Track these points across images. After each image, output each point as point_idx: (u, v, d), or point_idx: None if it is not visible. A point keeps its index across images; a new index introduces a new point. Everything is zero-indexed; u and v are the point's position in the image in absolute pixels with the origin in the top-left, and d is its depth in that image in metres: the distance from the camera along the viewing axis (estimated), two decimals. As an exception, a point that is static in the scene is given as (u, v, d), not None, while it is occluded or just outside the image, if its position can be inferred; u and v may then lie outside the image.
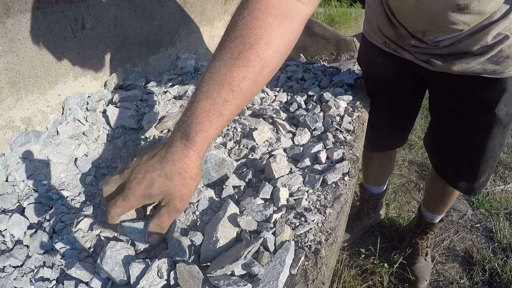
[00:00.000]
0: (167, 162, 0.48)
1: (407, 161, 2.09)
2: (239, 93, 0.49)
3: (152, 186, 0.48)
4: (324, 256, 0.52)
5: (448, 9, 0.74)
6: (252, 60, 0.49)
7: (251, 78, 0.50)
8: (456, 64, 0.84)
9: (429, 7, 0.77)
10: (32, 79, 0.80)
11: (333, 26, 4.26)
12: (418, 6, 0.79)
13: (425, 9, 0.78)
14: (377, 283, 1.36)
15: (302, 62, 1.27)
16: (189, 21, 1.31)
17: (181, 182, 0.49)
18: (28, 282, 0.53)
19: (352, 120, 0.86)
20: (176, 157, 0.48)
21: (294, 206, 0.61)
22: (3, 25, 0.71)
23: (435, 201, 1.30)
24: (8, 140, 0.75)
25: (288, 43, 0.54)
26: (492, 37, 0.76)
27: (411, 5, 0.80)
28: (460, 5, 0.72)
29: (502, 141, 0.95)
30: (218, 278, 0.47)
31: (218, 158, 0.67)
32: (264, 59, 0.50)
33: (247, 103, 0.53)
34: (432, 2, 0.75)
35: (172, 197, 0.49)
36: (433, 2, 0.75)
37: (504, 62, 0.80)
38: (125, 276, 0.51)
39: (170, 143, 0.50)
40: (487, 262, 1.44)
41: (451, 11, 0.74)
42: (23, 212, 0.64)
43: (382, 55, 1.01)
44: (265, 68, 0.51)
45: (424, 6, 0.77)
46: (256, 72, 0.50)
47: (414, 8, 0.80)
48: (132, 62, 1.10)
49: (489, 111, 0.88)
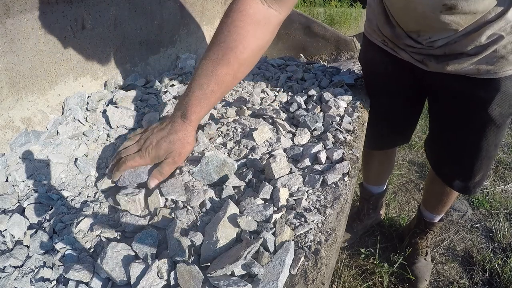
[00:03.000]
0: (171, 133, 0.66)
1: (407, 161, 2.09)
2: (222, 85, 0.66)
3: (161, 149, 0.66)
4: (324, 256, 0.52)
5: (435, 9, 0.74)
6: (232, 61, 0.65)
7: (232, 74, 0.66)
8: (449, 64, 0.84)
9: (416, 7, 0.77)
10: (32, 79, 0.80)
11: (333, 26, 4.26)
12: (406, 5, 0.79)
13: (413, 8, 0.78)
14: (377, 283, 1.36)
15: (302, 62, 1.27)
16: (189, 21, 1.31)
17: (181, 145, 0.66)
18: (28, 282, 0.53)
19: (352, 120, 0.86)
20: (178, 129, 0.67)
21: (294, 206, 0.61)
22: (3, 25, 0.71)
23: (434, 201, 1.30)
24: (8, 140, 0.75)
25: (262, 44, 0.69)
26: (486, 37, 0.76)
27: (401, 5, 0.81)
28: (447, 5, 0.72)
29: (497, 141, 0.95)
30: (218, 278, 0.47)
31: (219, 160, 0.67)
32: (242, 60, 0.66)
33: (227, 92, 0.71)
34: (419, 2, 0.76)
35: (173, 153, 0.66)
36: (420, 2, 0.75)
37: (499, 63, 0.80)
38: (125, 276, 0.51)
39: (173, 120, 0.68)
40: (487, 262, 1.44)
41: (440, 11, 0.74)
42: (23, 212, 0.64)
43: (381, 54, 1.01)
44: (242, 66, 0.67)
45: (411, 6, 0.78)
46: (236, 69, 0.66)
47: (403, 8, 0.81)
48: (132, 62, 1.10)
49: (483, 110, 0.88)
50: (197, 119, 0.68)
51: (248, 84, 1.08)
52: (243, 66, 0.68)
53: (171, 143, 0.66)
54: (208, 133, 0.81)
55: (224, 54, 0.65)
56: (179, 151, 0.66)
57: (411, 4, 0.77)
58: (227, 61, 0.65)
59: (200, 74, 0.66)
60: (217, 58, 0.65)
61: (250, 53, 0.67)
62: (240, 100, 0.98)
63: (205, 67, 0.66)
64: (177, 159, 0.67)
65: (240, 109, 0.91)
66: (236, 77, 0.68)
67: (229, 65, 0.65)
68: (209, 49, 0.67)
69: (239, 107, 0.93)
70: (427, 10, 0.75)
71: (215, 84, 0.65)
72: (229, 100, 1.01)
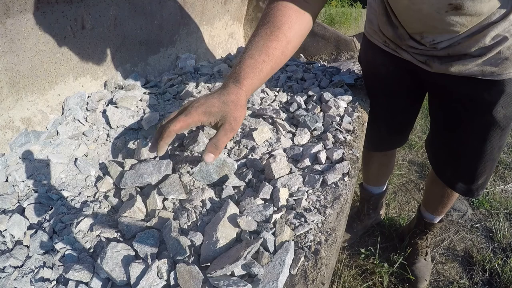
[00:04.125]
0: (223, 94, 0.63)
1: (407, 161, 2.09)
2: (272, 58, 0.69)
3: (213, 106, 0.61)
4: (324, 257, 0.52)
5: (441, 9, 0.74)
6: (281, 37, 0.69)
7: (280, 49, 0.70)
8: (453, 65, 0.83)
9: (421, 7, 0.76)
10: (32, 79, 0.80)
11: (333, 26, 4.26)
12: (410, 6, 0.79)
13: (417, 9, 0.77)
14: (377, 283, 1.36)
15: (302, 62, 1.27)
16: (189, 21, 1.31)
17: (235, 107, 0.62)
18: (28, 283, 0.53)
19: (352, 120, 0.86)
20: (231, 92, 0.64)
21: (294, 206, 0.61)
22: (3, 25, 0.71)
23: (434, 202, 1.30)
24: (8, 140, 0.75)
25: (303, 30, 0.75)
26: (490, 38, 0.76)
27: (405, 5, 0.80)
28: (452, 4, 0.72)
29: (501, 144, 0.94)
30: (218, 278, 0.47)
31: (219, 160, 0.67)
32: (289, 37, 0.71)
33: (277, 68, 0.72)
34: (424, 2, 0.75)
35: (227, 117, 0.61)
36: (425, 1, 0.75)
37: (503, 64, 0.80)
38: (125, 277, 0.51)
39: (225, 86, 0.66)
40: (487, 262, 1.44)
41: (445, 11, 0.74)
42: (23, 212, 0.64)
43: (381, 55, 1.01)
44: (289, 44, 0.71)
45: (416, 6, 0.77)
46: (283, 45, 0.70)
47: (407, 9, 0.80)
48: (132, 62, 1.10)
49: (487, 113, 0.87)
50: (249, 85, 0.66)
51: (248, 84, 1.08)
52: (290, 44, 0.71)
53: (224, 103, 0.61)
54: (208, 133, 0.81)
55: (273, 31, 0.69)
56: (234, 115, 0.61)
57: (416, 4, 0.77)
58: (275, 37, 0.69)
59: (251, 48, 0.69)
60: (266, 33, 0.69)
61: (294, 33, 0.72)
62: (240, 100, 0.98)
63: (255, 42, 0.69)
64: (234, 125, 0.61)
65: (240, 109, 0.91)
66: (284, 54, 0.71)
67: (278, 41, 0.69)
68: (258, 29, 0.72)
69: (239, 107, 0.93)
70: (432, 10, 0.75)
71: (266, 55, 0.68)
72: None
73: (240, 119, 0.62)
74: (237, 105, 0.62)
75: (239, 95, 0.64)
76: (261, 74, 0.67)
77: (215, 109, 0.61)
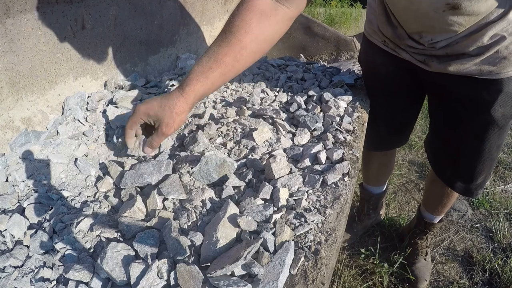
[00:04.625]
0: (164, 99, 0.69)
1: (407, 161, 2.08)
2: (222, 64, 0.68)
3: (151, 108, 0.68)
4: (324, 257, 0.52)
5: (438, 8, 0.74)
6: (233, 42, 0.68)
7: (232, 55, 0.68)
8: (452, 65, 0.84)
9: (419, 7, 0.77)
10: (32, 79, 0.80)
11: (333, 26, 4.26)
12: (409, 6, 0.79)
13: (416, 9, 0.78)
14: (377, 283, 1.36)
15: (302, 62, 1.27)
16: (189, 21, 1.31)
17: (169, 114, 0.68)
18: (28, 283, 0.53)
19: (352, 120, 0.86)
20: (172, 97, 0.68)
21: (294, 206, 0.61)
22: (3, 25, 0.71)
23: (434, 202, 1.30)
24: (8, 140, 0.75)
25: (268, 35, 0.72)
26: (488, 37, 0.76)
27: (403, 5, 0.81)
28: (450, 4, 0.72)
29: (499, 143, 0.94)
30: (218, 278, 0.47)
31: (218, 159, 0.67)
32: (243, 43, 0.69)
33: (230, 75, 0.71)
34: (421, 2, 0.75)
35: (161, 122, 0.68)
36: (422, 1, 0.75)
37: (501, 63, 0.80)
38: (125, 277, 0.51)
39: (171, 91, 0.71)
40: (487, 262, 1.44)
41: (443, 11, 0.74)
42: (23, 212, 0.64)
43: (381, 55, 1.01)
44: (244, 50, 0.69)
45: (414, 6, 0.77)
46: (236, 51, 0.69)
47: (406, 9, 0.81)
48: (132, 62, 1.10)
49: (485, 112, 0.88)
50: (191, 91, 0.68)
51: (248, 84, 1.08)
52: (245, 50, 0.69)
53: (161, 107, 0.68)
54: (208, 133, 0.81)
55: (227, 37, 0.69)
56: (167, 121, 0.68)
57: (414, 4, 0.77)
58: (228, 42, 0.68)
59: (204, 54, 0.70)
60: (220, 40, 0.69)
61: (252, 39, 0.69)
62: (240, 100, 0.98)
63: (209, 48, 0.70)
64: (165, 130, 0.69)
65: (240, 109, 0.91)
66: (237, 60, 0.70)
67: (230, 46, 0.68)
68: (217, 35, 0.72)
69: (239, 107, 0.93)
70: (430, 9, 0.75)
71: (214, 61, 0.68)
72: (229, 100, 1.01)
73: (172, 125, 0.69)
74: (172, 111, 0.68)
75: (177, 101, 0.68)
76: (207, 81, 0.68)
77: (152, 112, 0.68)
